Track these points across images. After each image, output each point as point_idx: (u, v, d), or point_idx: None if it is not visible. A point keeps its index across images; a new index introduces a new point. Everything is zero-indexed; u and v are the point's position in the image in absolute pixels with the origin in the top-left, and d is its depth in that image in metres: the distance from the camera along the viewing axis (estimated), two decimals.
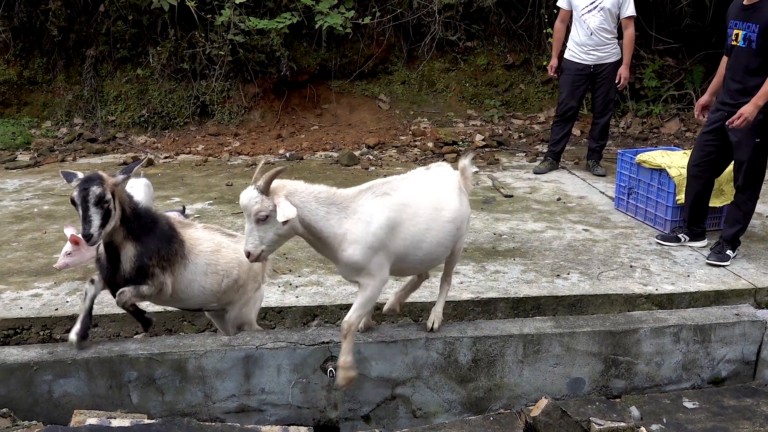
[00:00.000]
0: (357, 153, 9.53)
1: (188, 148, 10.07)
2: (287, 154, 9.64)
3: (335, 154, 9.61)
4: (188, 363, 4.42)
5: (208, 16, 10.23)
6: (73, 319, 4.70)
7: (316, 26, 10.30)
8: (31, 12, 10.68)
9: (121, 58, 10.97)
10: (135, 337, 4.89)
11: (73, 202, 3.85)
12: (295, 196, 3.53)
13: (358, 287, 3.91)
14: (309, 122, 10.99)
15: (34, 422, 4.25)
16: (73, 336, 4.23)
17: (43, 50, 11.12)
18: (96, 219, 3.77)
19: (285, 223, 3.42)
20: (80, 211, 3.80)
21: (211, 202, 7.40)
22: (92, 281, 4.26)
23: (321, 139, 10.34)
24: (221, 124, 10.76)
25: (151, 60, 10.83)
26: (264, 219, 3.45)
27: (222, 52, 10.31)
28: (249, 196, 3.46)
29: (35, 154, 9.80)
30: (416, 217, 3.81)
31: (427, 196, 3.91)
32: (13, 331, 4.85)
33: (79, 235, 5.15)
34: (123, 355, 4.36)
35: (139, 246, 4.01)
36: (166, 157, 9.60)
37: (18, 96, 11.14)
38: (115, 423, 3.93)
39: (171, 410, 4.40)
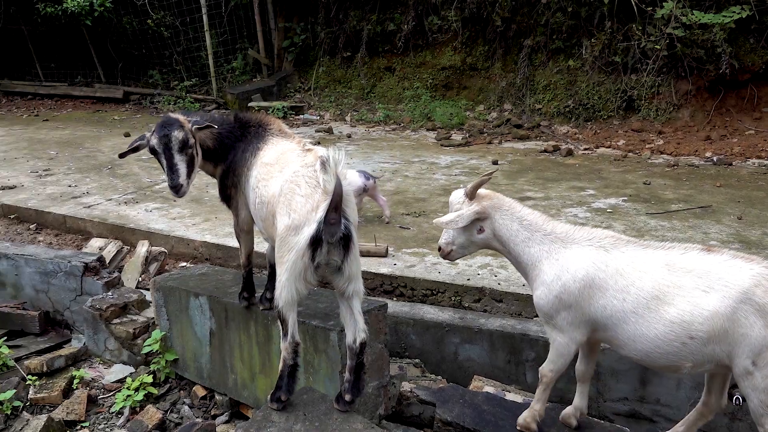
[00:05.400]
0: None
1: (608, 142, 10.01)
2: (714, 158, 8.98)
3: None
4: None
5: (648, 8, 9.97)
6: (482, 290, 5.05)
7: None
8: (480, 3, 11.65)
9: (554, 49, 11.38)
10: None
11: (153, 151, 3.49)
12: (498, 212, 3.42)
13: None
14: (744, 125, 10.06)
15: (439, 377, 4.70)
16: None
17: (486, 39, 12.10)
18: (182, 167, 3.46)
19: (481, 231, 3.43)
20: (164, 160, 3.46)
21: (626, 198, 7.25)
22: None
23: (756, 145, 9.41)
24: (646, 120, 10.47)
25: (583, 52, 10.99)
26: None
27: (658, 46, 9.98)
28: (456, 195, 3.49)
29: (467, 135, 10.70)
30: (624, 292, 3.11)
31: (657, 279, 3.06)
32: (431, 292, 5.35)
33: None
34: (525, 335, 4.56)
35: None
36: (585, 149, 9.68)
37: (459, 80, 12.41)
38: (509, 396, 4.13)
39: (561, 397, 4.46)
